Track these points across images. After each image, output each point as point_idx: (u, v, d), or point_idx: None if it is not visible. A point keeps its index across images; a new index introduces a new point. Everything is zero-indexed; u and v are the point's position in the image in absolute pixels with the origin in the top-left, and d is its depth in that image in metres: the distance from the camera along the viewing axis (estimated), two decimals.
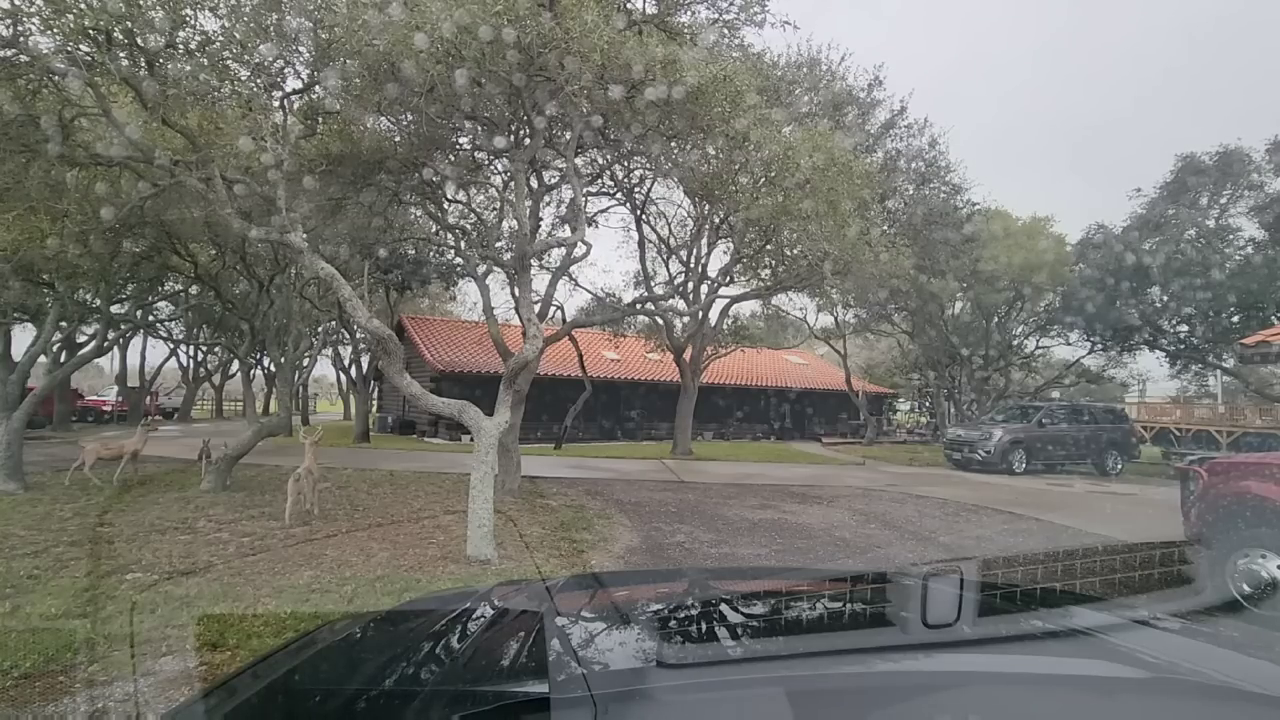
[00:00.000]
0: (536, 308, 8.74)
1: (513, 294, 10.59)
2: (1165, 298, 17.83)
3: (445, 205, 10.72)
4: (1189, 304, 17.35)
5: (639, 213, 15.37)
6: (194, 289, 16.28)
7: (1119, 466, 16.27)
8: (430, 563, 5.73)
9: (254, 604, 4.42)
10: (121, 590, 4.75)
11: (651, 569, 5.82)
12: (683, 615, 1.55)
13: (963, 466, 16.04)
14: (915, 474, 14.96)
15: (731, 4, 8.69)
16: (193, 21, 6.09)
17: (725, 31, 8.88)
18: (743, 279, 16.00)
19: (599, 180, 12.45)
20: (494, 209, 11.53)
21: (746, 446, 21.58)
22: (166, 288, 16.40)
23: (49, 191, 7.26)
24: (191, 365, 29.92)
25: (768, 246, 12.68)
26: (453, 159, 9.50)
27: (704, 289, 16.71)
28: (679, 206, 17.28)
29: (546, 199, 11.59)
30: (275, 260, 11.33)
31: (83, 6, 5.46)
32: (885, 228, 13.55)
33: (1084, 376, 25.72)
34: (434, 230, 12.27)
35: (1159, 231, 18.21)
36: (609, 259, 79.59)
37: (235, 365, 29.76)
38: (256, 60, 6.41)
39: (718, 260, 18.48)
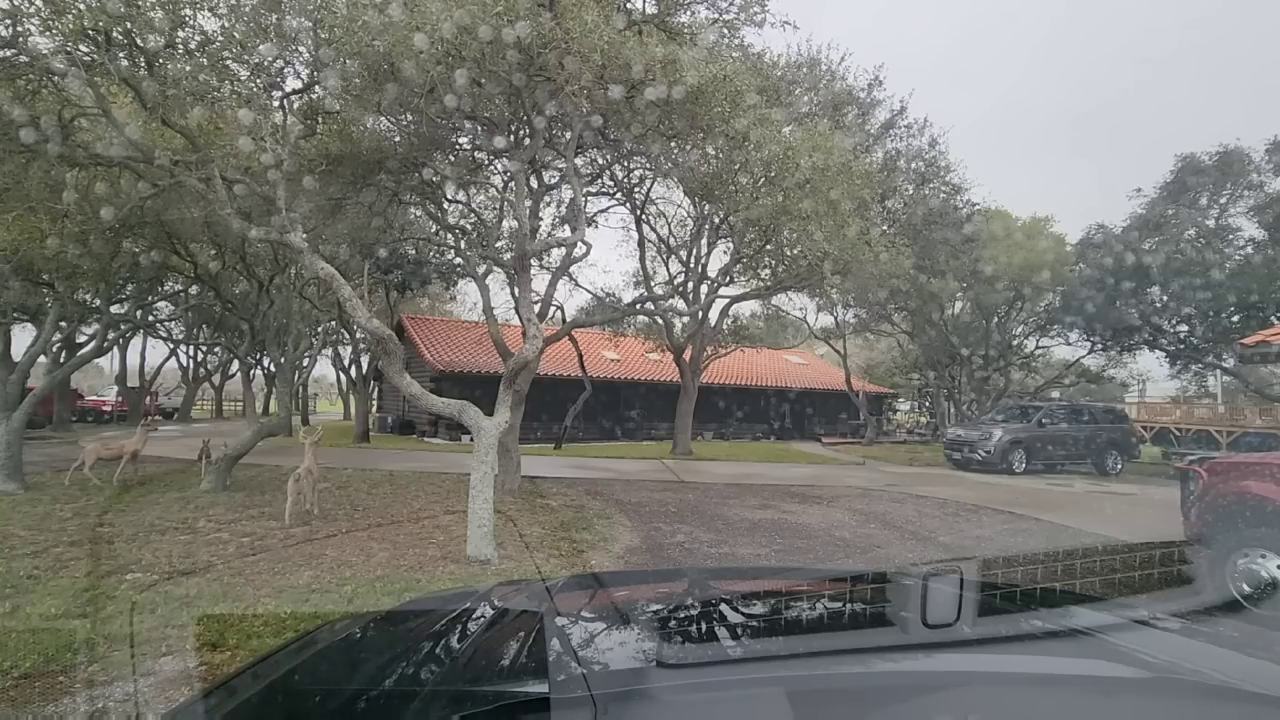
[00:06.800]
0: (536, 308, 8.74)
1: (513, 294, 10.61)
2: (1165, 298, 17.82)
3: (445, 205, 10.72)
4: (1189, 304, 17.34)
5: (639, 213, 15.38)
6: (194, 289, 16.26)
7: (1119, 466, 16.26)
8: (430, 563, 5.72)
9: (254, 604, 4.42)
10: (121, 590, 4.75)
11: (651, 569, 5.81)
12: (683, 615, 1.54)
13: (963, 466, 16.03)
14: (915, 474, 14.95)
15: (731, 4, 8.68)
16: (192, 21, 6.09)
17: (725, 31, 8.86)
18: (743, 279, 16.00)
19: (599, 180, 12.44)
20: (494, 209, 11.53)
21: (746, 446, 21.57)
22: (166, 288, 16.39)
23: (49, 191, 7.25)
24: (191, 365, 29.94)
25: (768, 246, 12.67)
26: (453, 159, 9.50)
27: (704, 289, 16.71)
28: (679, 206, 17.33)
29: (546, 199, 11.60)
30: (275, 260, 11.33)
31: (82, 7, 5.46)
32: (885, 228, 13.57)
33: (1084, 376, 25.72)
34: (434, 230, 12.28)
35: (1159, 231, 18.22)
36: (609, 259, 79.57)
37: (235, 365, 29.80)
38: (256, 60, 6.41)
39: (718, 260, 18.48)
